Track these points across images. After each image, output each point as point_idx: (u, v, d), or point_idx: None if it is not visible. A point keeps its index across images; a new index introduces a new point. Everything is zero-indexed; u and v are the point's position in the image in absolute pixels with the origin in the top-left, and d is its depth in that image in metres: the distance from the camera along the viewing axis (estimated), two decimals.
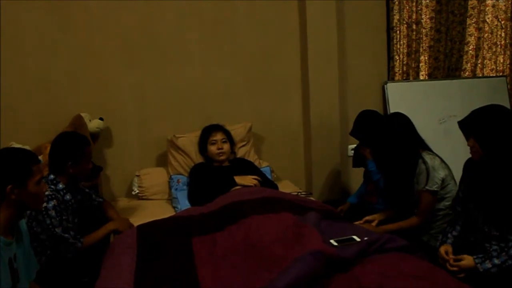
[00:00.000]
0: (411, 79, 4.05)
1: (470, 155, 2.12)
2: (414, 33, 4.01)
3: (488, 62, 4.30)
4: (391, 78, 3.98)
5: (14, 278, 1.65)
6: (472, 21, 4.15)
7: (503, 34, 4.27)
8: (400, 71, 4.05)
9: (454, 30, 4.03)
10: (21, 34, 3.07)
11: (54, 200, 2.14)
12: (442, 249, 2.12)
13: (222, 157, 3.04)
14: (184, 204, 2.90)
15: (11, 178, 1.64)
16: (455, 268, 2.00)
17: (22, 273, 1.72)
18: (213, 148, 3.04)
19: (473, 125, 2.04)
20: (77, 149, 2.26)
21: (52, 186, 2.20)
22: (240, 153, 3.32)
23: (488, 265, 1.91)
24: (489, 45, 4.27)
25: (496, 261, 1.91)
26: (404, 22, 3.98)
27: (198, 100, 3.46)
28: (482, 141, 2.00)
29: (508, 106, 4.08)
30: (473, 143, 2.04)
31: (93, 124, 3.08)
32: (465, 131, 2.08)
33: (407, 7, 3.97)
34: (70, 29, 3.15)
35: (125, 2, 3.22)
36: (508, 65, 4.29)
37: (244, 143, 3.38)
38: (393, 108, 3.77)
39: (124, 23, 3.25)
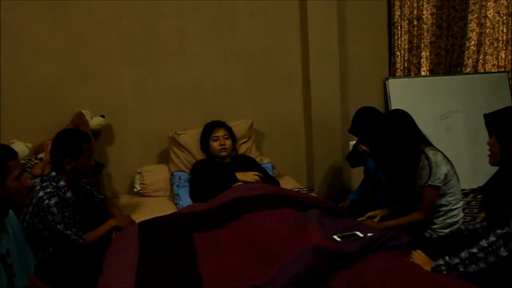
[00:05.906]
0: (412, 75, 4.04)
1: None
2: (416, 29, 4.01)
3: (490, 57, 4.30)
4: (392, 74, 3.98)
5: (9, 273, 1.65)
6: (474, 17, 4.14)
7: (504, 30, 4.26)
8: (402, 67, 4.04)
9: (455, 26, 4.03)
10: (22, 32, 3.06)
11: (56, 197, 2.13)
12: None
13: (224, 153, 3.03)
14: (185, 200, 2.90)
15: None
16: None
17: (18, 268, 1.71)
18: (215, 145, 3.04)
19: (496, 123, 1.87)
20: (73, 145, 2.24)
21: (54, 183, 2.19)
22: (242, 149, 3.32)
23: (440, 261, 1.79)
24: (490, 40, 4.26)
25: (447, 258, 1.78)
26: (405, 18, 3.97)
27: (199, 97, 3.46)
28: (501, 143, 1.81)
29: (509, 102, 4.07)
30: (493, 143, 1.88)
31: (95, 122, 3.08)
32: (489, 126, 1.91)
33: (408, 3, 3.96)
34: (70, 26, 3.14)
35: (126, 0, 3.22)
36: (510, 61, 4.29)
37: (245, 139, 3.38)
38: (394, 104, 3.77)
39: (125, 21, 3.24)
